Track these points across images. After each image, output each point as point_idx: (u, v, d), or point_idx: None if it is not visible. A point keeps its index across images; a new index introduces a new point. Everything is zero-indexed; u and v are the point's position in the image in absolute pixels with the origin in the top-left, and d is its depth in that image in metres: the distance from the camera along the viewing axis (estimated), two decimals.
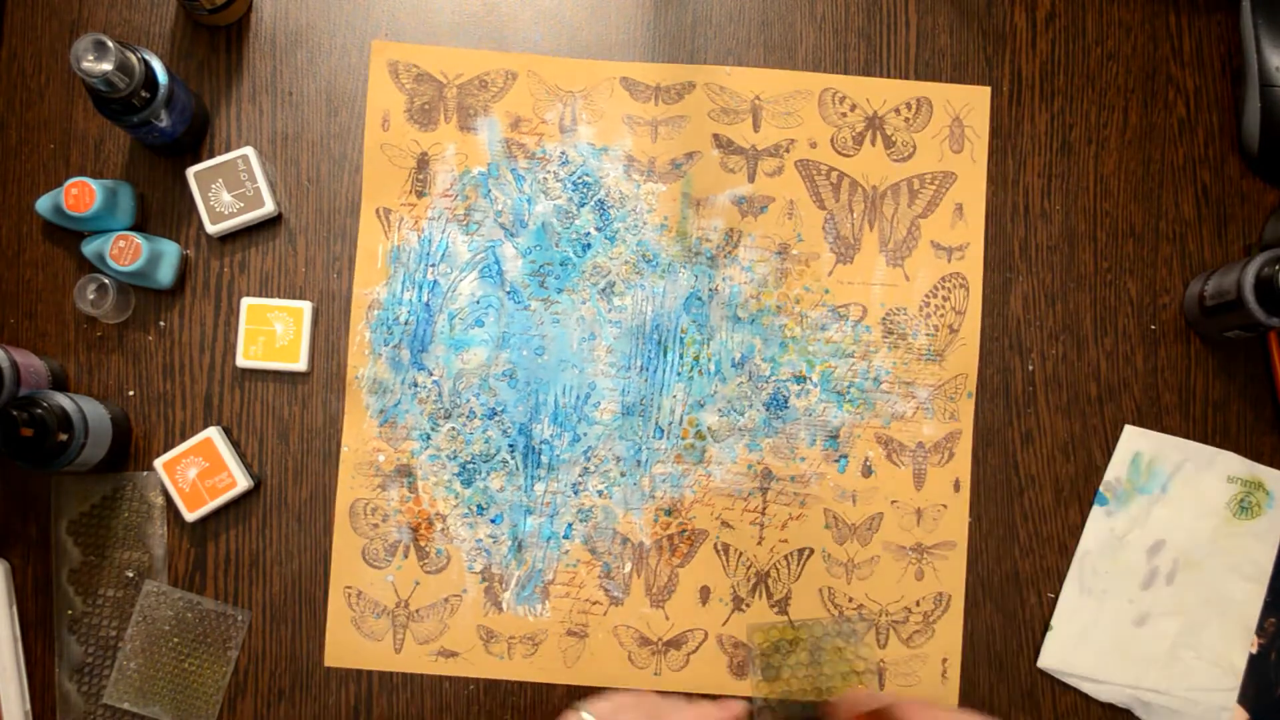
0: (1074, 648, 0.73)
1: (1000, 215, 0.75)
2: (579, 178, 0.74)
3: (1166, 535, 0.73)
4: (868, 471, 0.74)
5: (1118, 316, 0.75)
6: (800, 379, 0.74)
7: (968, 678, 0.72)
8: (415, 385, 0.73)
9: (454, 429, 0.73)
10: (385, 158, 0.74)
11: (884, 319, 0.74)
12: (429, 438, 0.73)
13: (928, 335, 0.74)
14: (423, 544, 0.72)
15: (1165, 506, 0.73)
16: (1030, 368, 0.75)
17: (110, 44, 0.62)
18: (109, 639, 0.72)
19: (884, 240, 0.75)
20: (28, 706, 0.71)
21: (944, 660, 0.73)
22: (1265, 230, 0.75)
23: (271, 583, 0.72)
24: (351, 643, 0.72)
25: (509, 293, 0.74)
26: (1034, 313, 0.75)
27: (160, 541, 0.72)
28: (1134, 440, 0.74)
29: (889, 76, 0.76)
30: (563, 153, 0.75)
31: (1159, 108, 0.76)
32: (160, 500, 0.72)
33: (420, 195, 0.74)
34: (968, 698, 0.72)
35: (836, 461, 0.73)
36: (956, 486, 0.73)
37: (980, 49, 0.76)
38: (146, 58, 0.66)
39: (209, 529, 0.72)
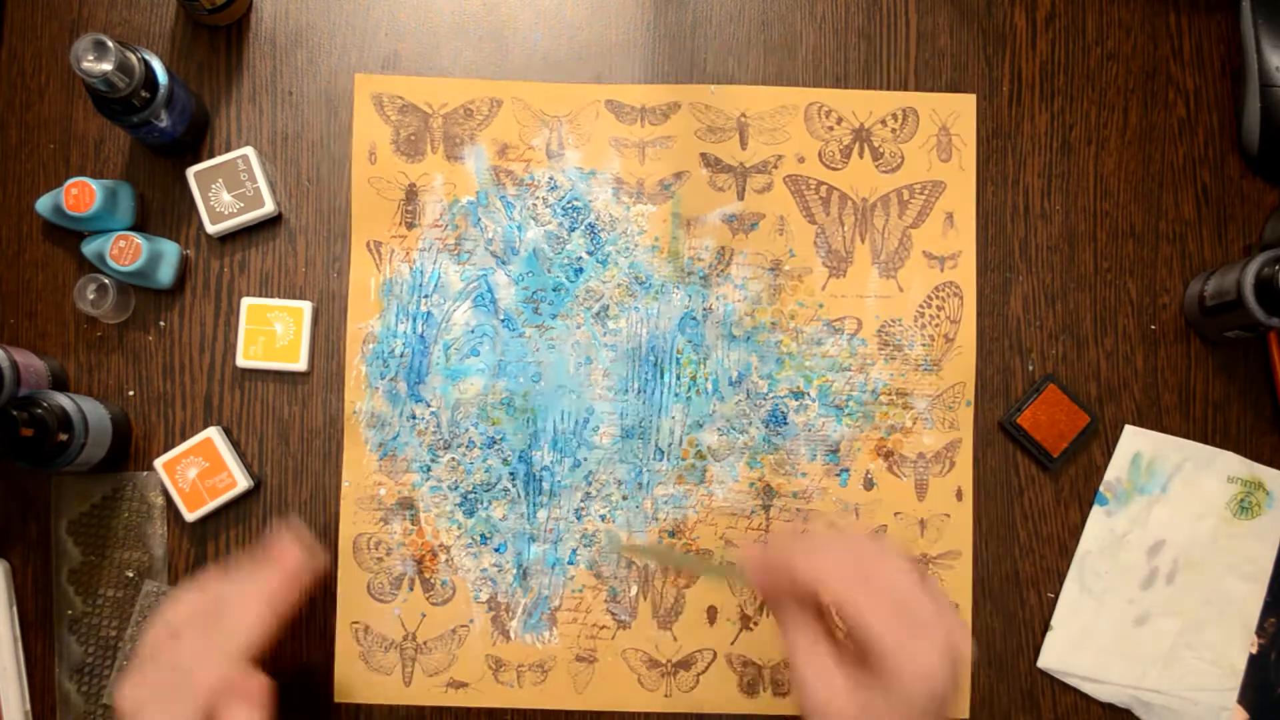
0: (1074, 648, 0.73)
1: (1000, 215, 0.75)
2: (568, 202, 0.74)
3: (1166, 535, 0.73)
4: (869, 484, 0.73)
5: (1118, 316, 0.75)
6: (798, 394, 0.73)
7: (972, 680, 0.73)
8: (413, 417, 0.73)
9: (454, 459, 0.72)
10: (374, 191, 0.73)
11: (879, 331, 0.74)
12: (429, 469, 0.72)
13: (924, 345, 0.74)
14: (428, 576, 0.72)
15: (1165, 506, 0.73)
16: (1030, 368, 0.75)
17: (110, 44, 0.62)
18: (109, 639, 0.71)
19: (876, 252, 0.74)
20: (28, 706, 0.71)
21: None
22: (1265, 230, 0.75)
23: None
24: (361, 677, 0.71)
25: (503, 320, 0.73)
26: (1034, 313, 0.75)
27: (160, 541, 0.72)
28: (1134, 440, 0.74)
29: (889, 77, 0.75)
30: (551, 178, 0.74)
31: (1159, 108, 0.76)
32: (160, 500, 0.72)
33: (410, 226, 0.73)
34: (973, 701, 0.72)
35: (838, 475, 0.73)
36: (959, 495, 0.73)
37: (980, 49, 0.76)
38: (146, 58, 0.66)
39: (209, 529, 0.72)
